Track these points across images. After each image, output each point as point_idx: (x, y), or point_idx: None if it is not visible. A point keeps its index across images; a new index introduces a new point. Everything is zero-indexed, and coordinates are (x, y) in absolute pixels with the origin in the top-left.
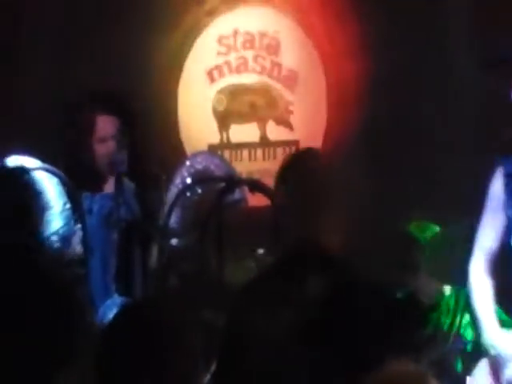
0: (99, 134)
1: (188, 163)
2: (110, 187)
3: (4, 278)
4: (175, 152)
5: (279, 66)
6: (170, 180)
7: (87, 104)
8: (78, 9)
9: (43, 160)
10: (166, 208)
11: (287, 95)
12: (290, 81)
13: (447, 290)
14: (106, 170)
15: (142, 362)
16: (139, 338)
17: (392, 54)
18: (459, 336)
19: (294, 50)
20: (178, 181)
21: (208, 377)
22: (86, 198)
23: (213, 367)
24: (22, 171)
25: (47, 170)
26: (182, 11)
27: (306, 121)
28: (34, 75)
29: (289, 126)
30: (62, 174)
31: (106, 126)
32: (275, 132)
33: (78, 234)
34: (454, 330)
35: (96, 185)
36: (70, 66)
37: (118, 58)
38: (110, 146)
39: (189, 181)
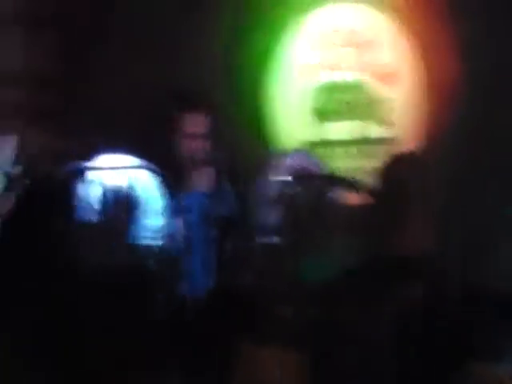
0: (186, 131)
1: (284, 161)
2: (198, 184)
3: (102, 271)
4: (267, 149)
5: (377, 63)
6: (261, 178)
7: (176, 102)
8: (169, 7)
9: (144, 159)
10: (263, 206)
11: (384, 92)
12: (388, 78)
13: None
14: (191, 166)
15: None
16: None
17: (492, 52)
18: None
19: (392, 47)
20: (269, 178)
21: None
22: (185, 196)
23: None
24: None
25: (147, 169)
26: (278, 8)
27: (403, 118)
28: (131, 74)
29: (386, 123)
30: (161, 172)
31: (193, 123)
32: (372, 129)
33: (178, 232)
34: None
35: (182, 181)
36: (163, 65)
37: (216, 55)
38: (198, 143)
39: (280, 178)
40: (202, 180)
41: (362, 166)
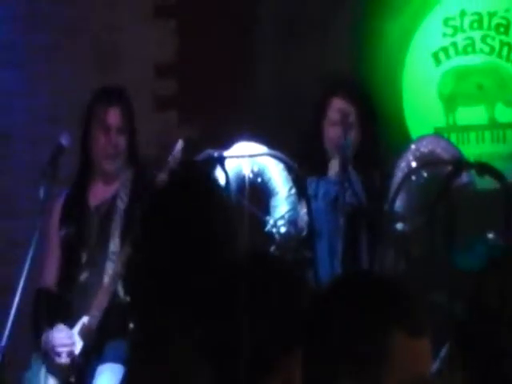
0: (331, 118)
1: (413, 147)
2: (333, 172)
3: (228, 262)
4: (401, 135)
5: (509, 46)
6: (395, 164)
7: (325, 88)
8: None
9: (270, 146)
10: (392, 192)
11: None
12: None
13: None
14: (332, 153)
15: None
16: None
17: None
18: None
19: None
20: (403, 164)
21: (437, 363)
22: (311, 183)
23: (442, 353)
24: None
25: (274, 156)
26: None
27: None
28: (264, 62)
29: None
30: (288, 160)
31: (337, 109)
32: (504, 114)
33: (304, 219)
34: None
35: (322, 167)
36: (297, 53)
37: (344, 43)
38: (338, 130)
39: (414, 164)
40: (331, 167)
41: (494, 151)
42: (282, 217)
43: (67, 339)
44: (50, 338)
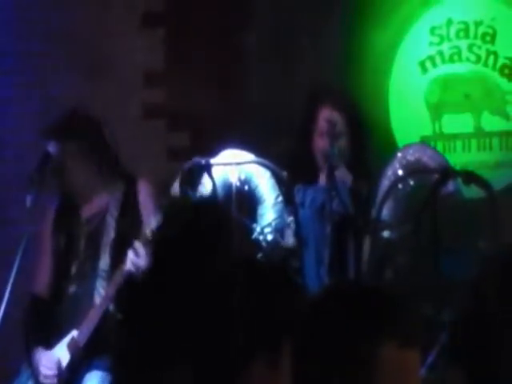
0: (320, 128)
1: (400, 155)
2: (322, 180)
3: (221, 268)
4: (387, 144)
5: (495, 54)
6: (381, 172)
7: (313, 98)
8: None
9: (257, 154)
10: (378, 200)
11: (504, 84)
12: (507, 70)
13: None
14: (321, 162)
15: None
16: (339, 320)
17: None
18: None
19: (511, 38)
20: (389, 173)
21: (422, 370)
22: (298, 191)
23: (429, 360)
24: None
25: (261, 164)
26: (395, 2)
27: None
28: (257, 70)
29: (505, 116)
30: (275, 168)
31: (325, 119)
32: (491, 122)
33: (291, 227)
34: None
35: (312, 177)
36: (289, 62)
37: (334, 51)
38: (327, 140)
39: (401, 173)
40: (323, 177)
41: (480, 160)
42: (269, 224)
43: (51, 370)
44: (37, 361)
